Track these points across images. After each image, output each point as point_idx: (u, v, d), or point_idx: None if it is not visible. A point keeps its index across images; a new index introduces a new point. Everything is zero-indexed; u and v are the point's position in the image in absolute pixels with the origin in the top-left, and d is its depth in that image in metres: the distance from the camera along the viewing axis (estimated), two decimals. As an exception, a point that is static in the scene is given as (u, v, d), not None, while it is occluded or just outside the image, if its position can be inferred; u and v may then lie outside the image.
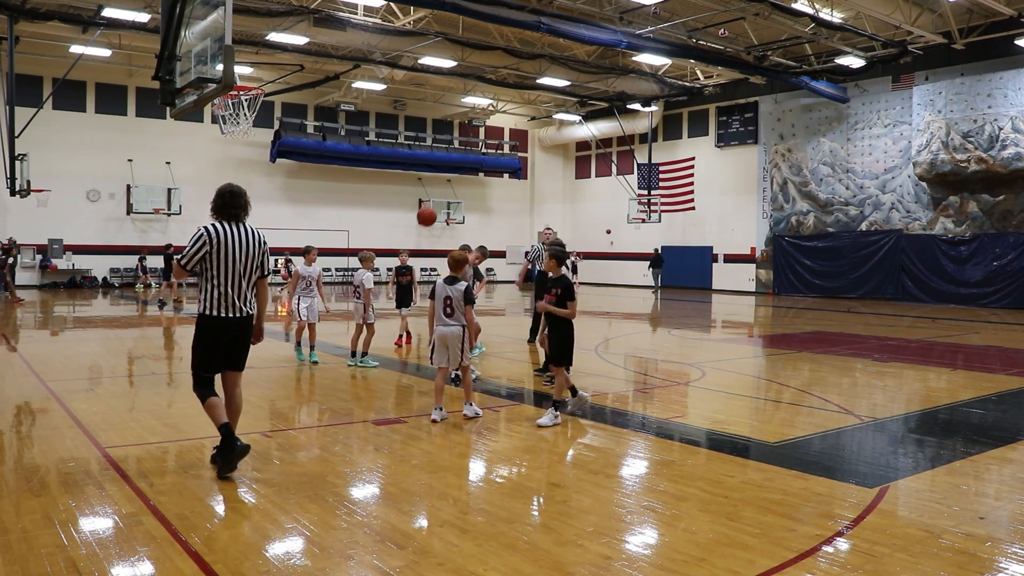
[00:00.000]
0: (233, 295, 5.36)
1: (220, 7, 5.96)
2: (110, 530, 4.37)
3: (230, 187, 5.53)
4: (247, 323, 5.50)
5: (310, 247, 10.91)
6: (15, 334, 14.19)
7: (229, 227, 5.40)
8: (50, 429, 6.69)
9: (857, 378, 10.20)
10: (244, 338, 5.52)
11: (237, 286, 5.38)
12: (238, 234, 5.40)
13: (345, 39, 22.89)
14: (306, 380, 9.52)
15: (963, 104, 23.08)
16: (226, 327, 5.39)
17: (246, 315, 5.46)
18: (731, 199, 31.29)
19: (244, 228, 5.47)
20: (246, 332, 5.52)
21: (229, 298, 5.35)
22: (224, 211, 5.45)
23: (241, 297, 5.41)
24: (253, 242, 5.47)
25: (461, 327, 7.12)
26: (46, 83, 26.50)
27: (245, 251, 5.40)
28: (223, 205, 5.46)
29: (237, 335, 5.46)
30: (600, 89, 29.97)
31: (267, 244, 5.62)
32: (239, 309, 5.40)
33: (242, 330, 5.48)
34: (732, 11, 20.58)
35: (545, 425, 6.99)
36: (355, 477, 5.51)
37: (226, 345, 5.44)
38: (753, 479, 5.45)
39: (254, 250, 5.46)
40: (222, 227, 5.37)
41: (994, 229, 23.42)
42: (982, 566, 3.98)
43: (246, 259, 5.40)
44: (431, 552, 4.08)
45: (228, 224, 5.41)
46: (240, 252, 5.37)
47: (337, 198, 32.98)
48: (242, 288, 5.41)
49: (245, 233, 5.44)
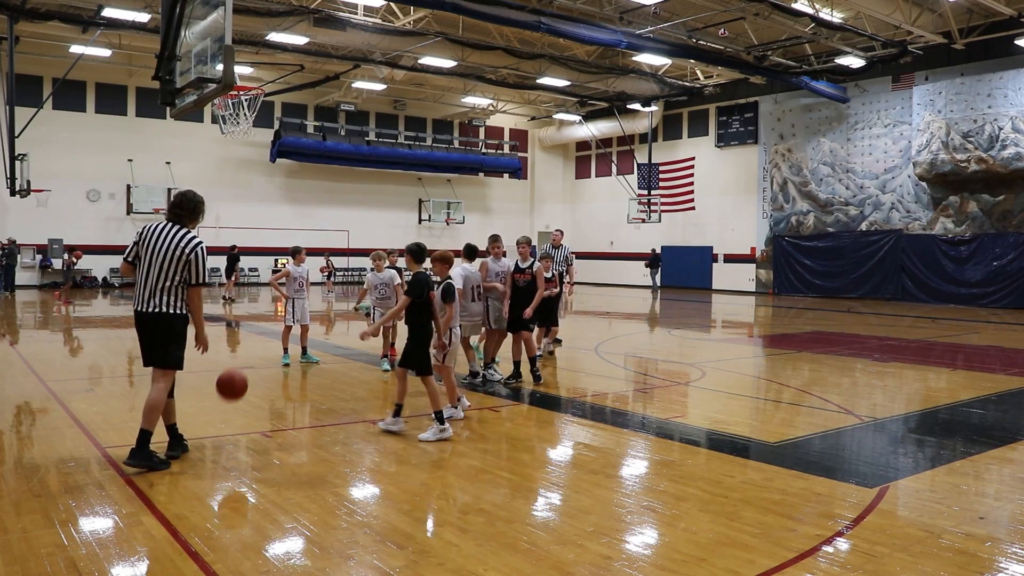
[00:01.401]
0: (145, 291, 5.49)
1: (220, 7, 5.97)
2: (110, 530, 4.37)
3: (183, 193, 5.75)
4: (157, 320, 5.48)
5: (299, 247, 10.73)
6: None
7: (162, 227, 5.56)
8: (50, 429, 6.69)
9: (857, 378, 10.20)
10: (156, 336, 5.53)
11: (150, 283, 5.48)
12: (161, 235, 5.52)
13: (345, 39, 22.89)
14: (306, 380, 9.52)
15: (963, 104, 23.08)
16: (137, 319, 5.56)
17: (156, 313, 5.47)
18: (731, 199, 31.29)
19: (171, 231, 5.53)
20: (156, 330, 5.52)
21: (142, 293, 5.50)
22: (170, 212, 5.71)
23: (152, 294, 5.47)
24: (171, 246, 5.47)
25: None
26: (46, 83, 26.49)
27: (160, 252, 5.46)
28: (170, 207, 5.72)
29: (147, 331, 5.55)
30: (600, 89, 29.97)
31: (196, 254, 5.49)
32: (148, 305, 5.48)
33: (151, 326, 5.52)
34: (732, 11, 20.58)
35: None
36: (355, 477, 5.52)
37: (142, 338, 5.59)
38: (753, 479, 5.45)
39: (169, 254, 5.46)
40: (155, 226, 5.60)
41: (994, 229, 23.41)
42: (982, 566, 3.98)
43: (160, 259, 5.45)
44: (431, 552, 4.08)
45: (164, 225, 5.59)
46: (155, 252, 5.47)
47: (337, 198, 32.97)
48: (154, 286, 5.46)
49: (169, 236, 5.51)
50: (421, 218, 35.18)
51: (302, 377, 9.71)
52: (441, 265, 7.19)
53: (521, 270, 9.20)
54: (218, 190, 30.00)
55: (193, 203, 5.67)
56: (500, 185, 37.97)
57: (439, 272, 7.21)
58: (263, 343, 13.18)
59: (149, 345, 5.58)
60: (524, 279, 9.18)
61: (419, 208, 35.22)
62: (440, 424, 6.50)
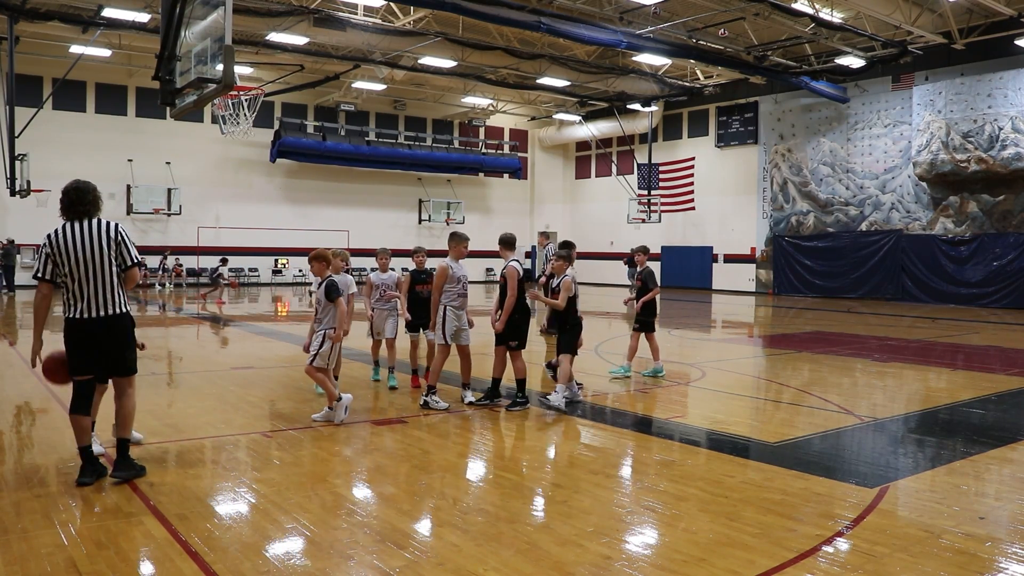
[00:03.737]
0: (91, 296, 5.05)
1: (220, 7, 5.97)
2: (110, 530, 4.37)
3: (76, 184, 5.20)
4: (115, 324, 5.13)
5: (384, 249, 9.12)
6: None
7: (72, 227, 5.09)
8: (50, 429, 6.69)
9: (857, 378, 10.20)
10: (117, 342, 5.16)
11: (93, 286, 5.05)
12: (80, 234, 5.08)
13: (345, 39, 22.89)
14: (306, 380, 9.51)
15: (963, 104, 23.08)
16: (89, 328, 5.07)
17: (114, 316, 5.10)
18: (731, 199, 31.29)
19: (88, 226, 5.11)
20: (116, 334, 5.15)
21: (88, 299, 5.05)
22: (71, 210, 5.14)
23: (102, 298, 5.07)
24: (99, 239, 5.09)
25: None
26: (46, 83, 26.50)
27: (91, 250, 5.06)
28: (69, 204, 5.14)
29: (105, 338, 5.11)
30: (600, 89, 29.97)
31: (121, 235, 5.21)
32: (101, 309, 5.07)
33: (110, 332, 5.12)
34: (732, 11, 20.58)
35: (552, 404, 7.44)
36: (355, 477, 5.51)
37: (95, 348, 5.11)
38: (753, 479, 5.45)
39: (101, 247, 5.08)
40: (63, 229, 5.09)
41: (994, 229, 23.41)
42: (982, 566, 3.98)
43: (95, 257, 5.05)
44: (431, 552, 4.08)
45: (72, 224, 5.11)
46: (84, 252, 5.04)
47: (337, 198, 32.97)
48: (101, 288, 5.07)
49: (90, 231, 5.09)
50: (421, 218, 35.18)
51: (302, 377, 9.70)
52: (318, 264, 7.18)
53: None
54: (218, 190, 30.04)
55: (94, 192, 5.21)
56: (500, 185, 37.98)
57: (317, 272, 7.19)
58: (263, 343, 13.18)
59: (107, 354, 5.15)
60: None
61: (419, 208, 35.22)
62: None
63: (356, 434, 6.75)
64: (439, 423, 7.07)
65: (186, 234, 29.43)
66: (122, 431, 5.28)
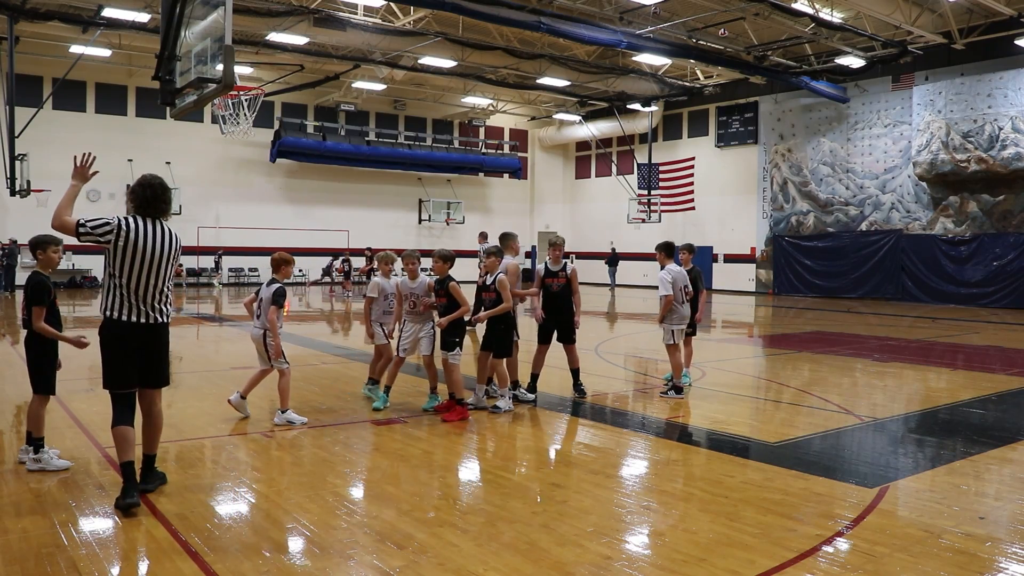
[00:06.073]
0: (144, 297, 4.76)
1: (220, 7, 5.96)
2: (110, 530, 4.37)
3: (159, 180, 4.93)
4: (162, 332, 4.90)
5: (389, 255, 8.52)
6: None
7: (146, 223, 4.80)
8: (50, 429, 6.67)
9: (857, 378, 10.20)
10: (162, 350, 4.95)
11: (152, 289, 4.78)
12: (155, 231, 4.80)
13: (345, 39, 22.89)
14: (306, 380, 9.51)
15: (963, 104, 23.07)
16: (136, 332, 4.76)
17: (161, 324, 4.86)
18: (731, 199, 31.28)
19: (163, 226, 4.87)
20: (162, 344, 4.93)
21: (139, 300, 4.75)
22: (150, 206, 4.86)
23: (154, 301, 4.80)
24: (170, 241, 4.86)
25: (263, 330, 7.07)
26: (46, 83, 26.49)
27: (160, 250, 4.79)
28: (151, 198, 4.85)
29: (151, 346, 4.86)
30: (600, 89, 29.96)
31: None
32: (150, 315, 4.79)
33: (156, 340, 4.88)
34: (732, 11, 20.58)
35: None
36: (355, 477, 5.51)
37: (140, 356, 4.82)
38: (753, 479, 5.45)
39: (171, 249, 4.86)
40: (135, 221, 4.78)
41: (994, 229, 23.41)
42: (982, 566, 3.98)
43: (161, 259, 4.80)
44: (431, 552, 4.08)
45: (146, 221, 4.81)
46: (153, 250, 4.75)
47: (337, 198, 32.96)
48: (154, 291, 4.79)
49: (163, 231, 4.84)
50: (421, 218, 35.17)
51: (302, 377, 9.70)
52: (285, 268, 7.38)
53: (554, 274, 8.24)
54: (218, 190, 30.03)
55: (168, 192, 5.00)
56: (500, 185, 37.97)
57: (284, 275, 7.39)
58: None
59: (150, 363, 4.88)
60: (558, 283, 8.24)
61: (419, 208, 35.21)
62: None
63: (356, 434, 6.75)
64: (439, 423, 7.07)
65: (186, 234, 29.34)
66: (152, 447, 5.06)
